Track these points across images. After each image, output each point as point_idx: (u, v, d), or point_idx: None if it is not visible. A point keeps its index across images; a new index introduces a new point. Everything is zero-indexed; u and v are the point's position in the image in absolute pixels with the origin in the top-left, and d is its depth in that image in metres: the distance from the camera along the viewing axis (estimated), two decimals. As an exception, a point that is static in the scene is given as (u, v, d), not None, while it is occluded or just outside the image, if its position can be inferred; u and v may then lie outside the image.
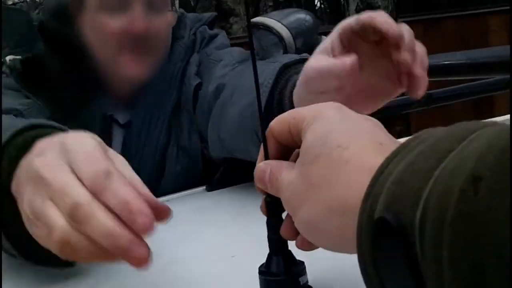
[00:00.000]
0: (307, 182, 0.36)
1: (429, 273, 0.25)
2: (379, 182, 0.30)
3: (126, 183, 0.41)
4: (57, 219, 0.41)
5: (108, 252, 0.40)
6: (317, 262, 0.46)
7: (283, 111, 0.45)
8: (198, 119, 0.88)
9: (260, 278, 0.44)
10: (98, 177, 0.41)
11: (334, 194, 0.34)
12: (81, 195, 0.41)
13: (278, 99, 0.68)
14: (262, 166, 0.42)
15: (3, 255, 0.53)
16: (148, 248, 0.40)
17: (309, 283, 0.45)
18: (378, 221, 0.29)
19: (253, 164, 0.43)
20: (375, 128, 0.37)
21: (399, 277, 0.27)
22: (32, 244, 0.45)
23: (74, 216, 0.40)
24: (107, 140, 0.85)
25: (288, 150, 0.43)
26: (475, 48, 1.40)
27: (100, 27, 0.82)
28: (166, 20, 0.88)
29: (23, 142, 0.50)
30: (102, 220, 0.40)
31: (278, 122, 0.42)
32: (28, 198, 0.43)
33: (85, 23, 0.84)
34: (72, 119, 0.81)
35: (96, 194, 0.41)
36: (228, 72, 0.83)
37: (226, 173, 0.87)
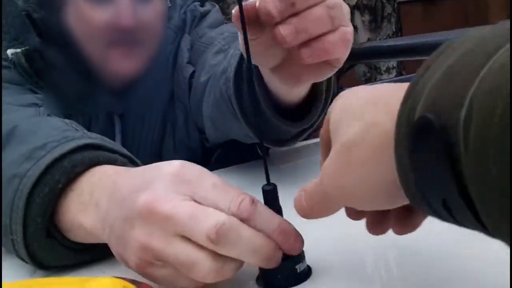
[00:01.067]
0: (345, 152, 0.35)
1: (472, 171, 0.25)
2: (420, 83, 0.29)
3: (268, 208, 0.42)
4: (198, 254, 0.39)
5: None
6: (317, 244, 0.46)
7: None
8: (192, 109, 0.86)
9: (263, 269, 0.43)
10: (246, 205, 0.40)
11: (372, 138, 0.34)
12: (219, 215, 0.39)
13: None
14: (297, 195, 0.42)
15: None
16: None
17: (309, 266, 0.45)
18: (419, 121, 0.28)
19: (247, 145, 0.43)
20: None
21: (440, 180, 0.27)
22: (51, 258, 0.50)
23: (215, 238, 0.38)
24: (111, 133, 0.84)
25: None
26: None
27: (85, 20, 0.77)
28: (155, 10, 0.81)
29: (87, 160, 0.50)
30: (249, 236, 0.40)
31: (322, 127, 0.43)
32: (140, 240, 0.40)
33: (71, 15, 0.78)
34: (76, 112, 0.81)
35: (243, 221, 0.40)
36: (220, 61, 0.78)
37: (221, 156, 0.86)
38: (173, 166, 0.42)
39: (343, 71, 1.23)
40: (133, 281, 0.36)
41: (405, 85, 0.33)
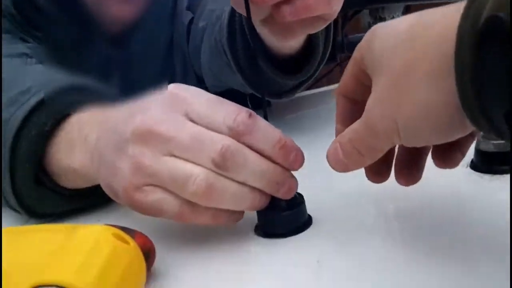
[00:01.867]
0: (396, 82, 0.32)
1: None
2: None
3: (267, 122, 0.40)
4: (194, 167, 0.37)
5: (249, 196, 0.39)
6: (317, 194, 0.45)
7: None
8: (191, 56, 0.84)
9: (264, 215, 0.43)
10: (243, 118, 0.38)
11: (426, 61, 0.30)
12: (224, 139, 0.37)
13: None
14: (330, 149, 0.38)
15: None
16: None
17: (310, 215, 0.44)
18: (488, 21, 0.25)
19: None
20: None
21: (507, 89, 0.25)
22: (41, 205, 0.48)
23: (221, 161, 0.37)
24: (107, 81, 0.82)
25: (359, 107, 0.38)
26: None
27: None
28: None
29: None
30: (255, 159, 0.38)
31: (342, 78, 0.40)
32: (133, 161, 0.38)
33: None
34: (71, 61, 0.78)
35: (240, 135, 0.38)
36: (217, 7, 0.75)
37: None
38: (167, 89, 0.41)
39: (347, 19, 1.19)
40: (124, 229, 0.35)
41: (450, 7, 0.30)
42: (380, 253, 0.38)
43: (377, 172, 0.40)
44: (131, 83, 0.84)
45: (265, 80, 0.64)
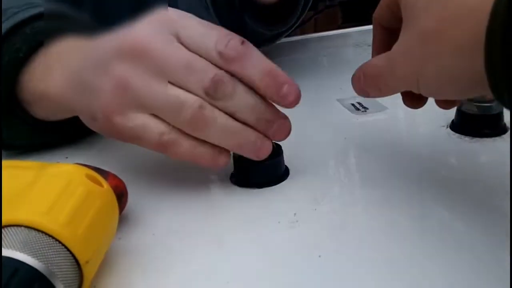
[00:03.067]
0: (422, 34, 0.31)
1: None
2: None
3: (260, 52, 0.37)
4: (188, 95, 0.35)
5: (236, 134, 0.37)
6: (294, 146, 0.44)
7: None
8: None
9: (240, 163, 0.41)
10: (235, 44, 0.36)
11: (457, 31, 0.29)
12: (214, 68, 0.35)
13: None
14: (356, 75, 0.38)
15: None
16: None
17: (287, 167, 0.44)
18: None
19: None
20: None
21: None
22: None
23: (212, 90, 0.35)
24: (79, 8, 0.77)
25: (394, 36, 0.37)
26: None
27: None
28: None
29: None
30: (245, 92, 0.36)
31: (379, 5, 0.39)
32: (120, 78, 0.36)
33: None
34: None
35: (230, 62, 0.36)
36: None
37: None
38: (157, 11, 0.38)
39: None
40: (97, 169, 0.33)
41: None
42: (356, 206, 0.38)
43: (413, 100, 0.40)
44: (103, 13, 0.80)
45: (244, 29, 0.62)
